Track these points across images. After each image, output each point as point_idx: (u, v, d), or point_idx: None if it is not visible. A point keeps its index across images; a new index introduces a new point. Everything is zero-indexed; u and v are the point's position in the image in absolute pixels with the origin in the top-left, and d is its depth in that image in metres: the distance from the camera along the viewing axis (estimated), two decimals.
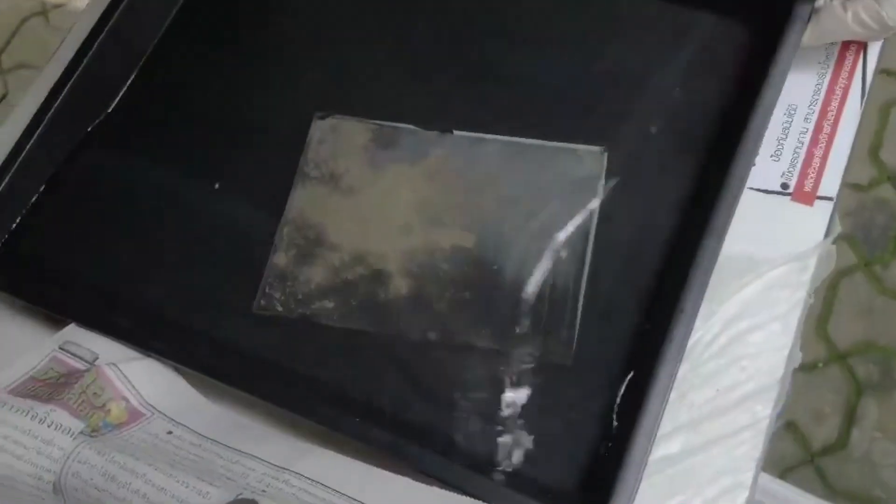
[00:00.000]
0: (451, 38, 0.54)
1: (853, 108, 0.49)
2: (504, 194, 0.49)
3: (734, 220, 0.44)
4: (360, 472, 0.42)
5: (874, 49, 0.50)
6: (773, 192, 0.48)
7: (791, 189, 0.48)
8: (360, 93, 0.53)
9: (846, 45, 0.50)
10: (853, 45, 0.50)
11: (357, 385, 0.46)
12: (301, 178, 0.51)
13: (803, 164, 0.49)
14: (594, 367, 0.45)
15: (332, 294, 0.48)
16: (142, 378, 0.45)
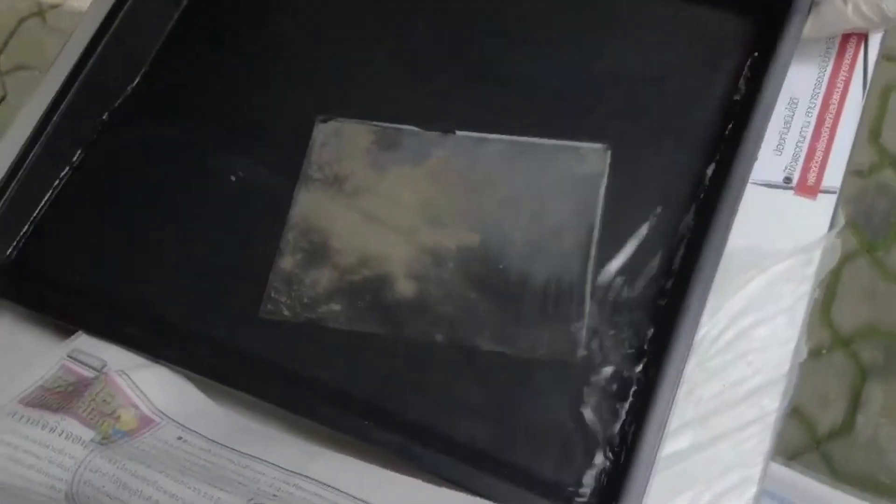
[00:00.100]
0: (451, 38, 0.54)
1: (855, 100, 0.49)
2: (508, 193, 0.49)
3: (738, 215, 0.44)
4: (371, 474, 0.42)
5: (875, 40, 0.50)
6: (776, 186, 0.48)
7: (794, 183, 0.48)
8: (362, 95, 0.53)
9: (847, 36, 0.50)
10: (854, 36, 0.50)
11: (365, 388, 0.46)
12: (305, 182, 0.51)
13: (806, 157, 0.49)
14: (602, 364, 0.45)
15: (338, 297, 0.48)
16: (151, 384, 0.46)
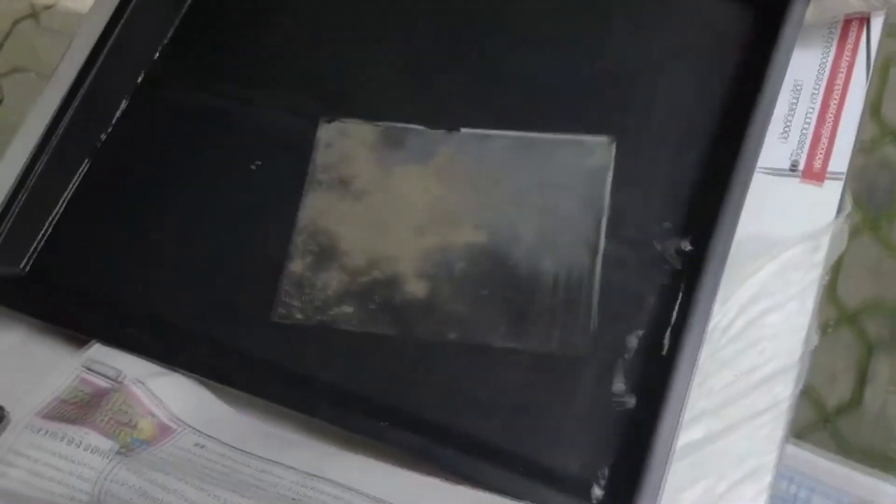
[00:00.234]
0: (453, 36, 0.54)
1: (859, 84, 0.49)
2: (514, 189, 0.50)
3: (745, 203, 0.44)
4: (389, 474, 0.42)
5: (877, 23, 0.50)
6: (782, 173, 0.48)
7: (800, 169, 0.48)
8: (365, 94, 0.53)
9: (848, 20, 0.50)
10: (855, 20, 0.50)
11: (380, 389, 0.46)
12: (311, 184, 0.51)
13: (811, 142, 0.49)
14: (614, 357, 0.45)
15: (349, 299, 0.48)
16: (168, 392, 0.46)
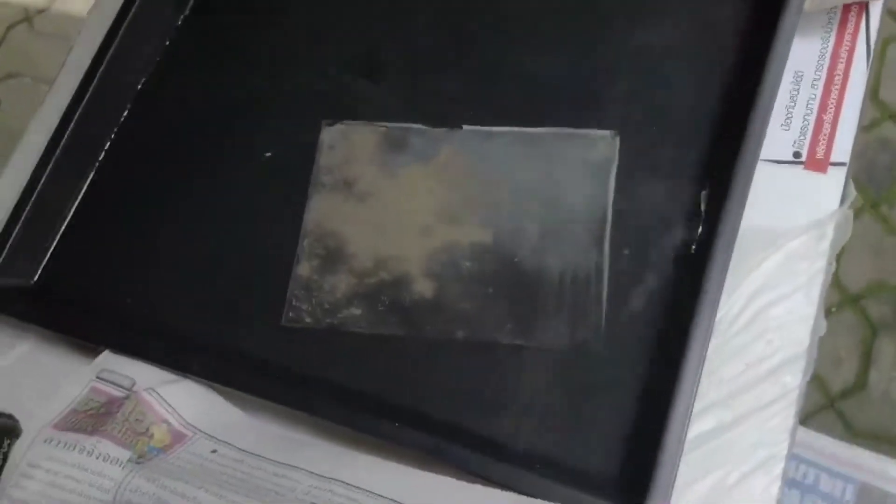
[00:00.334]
0: (452, 33, 0.54)
1: (860, 70, 0.49)
2: (518, 185, 0.50)
3: (749, 194, 0.44)
4: (403, 475, 0.43)
5: (876, 9, 0.50)
6: (785, 162, 0.48)
7: (803, 157, 0.48)
8: (366, 96, 0.53)
9: (847, 7, 0.50)
10: (854, 6, 0.50)
11: (391, 389, 0.46)
12: (316, 187, 0.51)
13: (814, 131, 0.49)
14: (623, 351, 0.45)
15: (357, 301, 0.48)
16: (181, 399, 0.46)
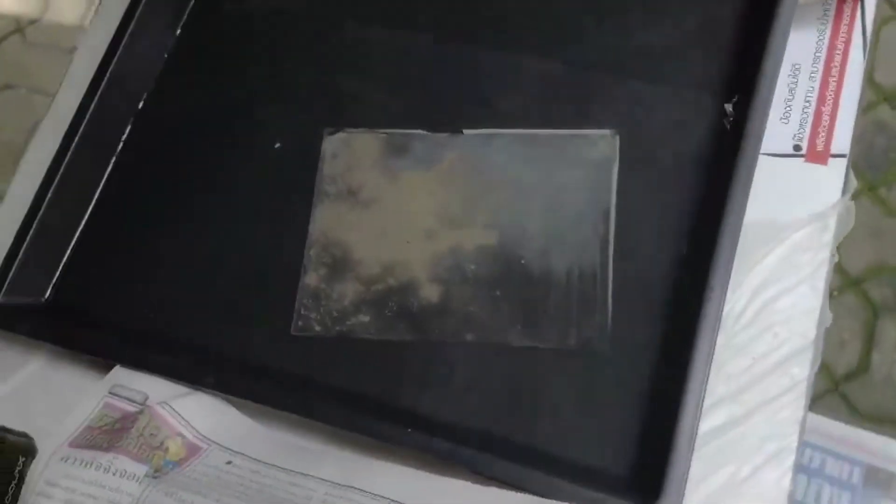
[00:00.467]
0: (448, 38, 0.54)
1: (856, 61, 0.50)
2: (521, 187, 0.50)
3: (752, 188, 0.45)
4: (418, 480, 0.43)
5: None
6: (786, 155, 0.49)
7: (804, 150, 0.48)
8: (366, 103, 0.53)
9: None
10: None
11: (402, 395, 0.47)
12: (320, 196, 0.51)
13: (813, 123, 0.49)
14: (632, 349, 0.46)
15: (365, 308, 0.49)
16: (194, 412, 0.46)
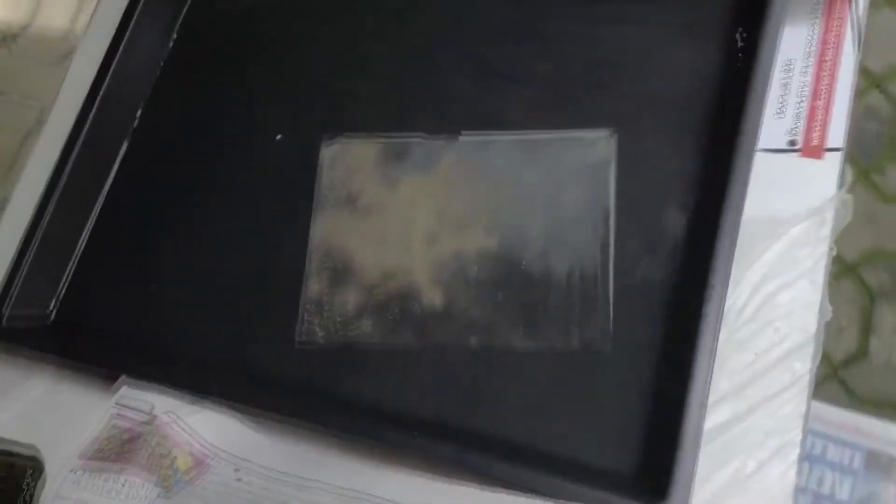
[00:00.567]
0: (444, 42, 0.54)
1: (849, 55, 0.50)
2: (520, 190, 0.50)
3: (749, 184, 0.45)
4: (427, 485, 0.43)
5: None
6: (781, 151, 0.49)
7: (799, 145, 0.49)
8: (362, 110, 0.54)
9: None
10: None
11: (408, 400, 0.47)
12: (320, 204, 0.52)
13: (808, 118, 0.49)
14: (634, 349, 0.46)
15: (369, 314, 0.49)
16: (200, 422, 0.47)
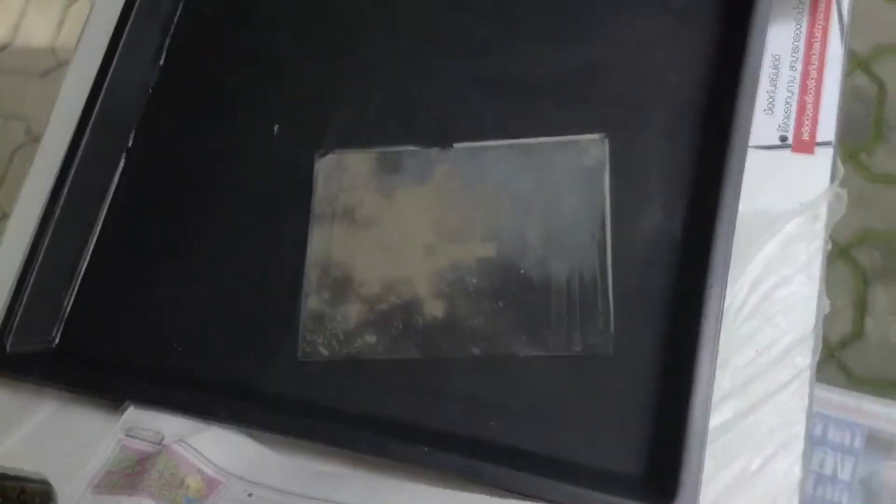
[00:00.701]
0: (430, 52, 0.54)
1: (835, 48, 0.50)
2: (515, 197, 0.50)
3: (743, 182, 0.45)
4: (439, 497, 0.44)
5: None
6: (773, 147, 0.49)
7: (790, 141, 0.49)
8: (354, 123, 0.54)
9: None
10: None
11: (414, 412, 0.47)
12: (316, 219, 0.52)
13: (797, 113, 0.49)
14: (636, 351, 0.46)
15: (371, 328, 0.49)
16: (210, 446, 0.47)
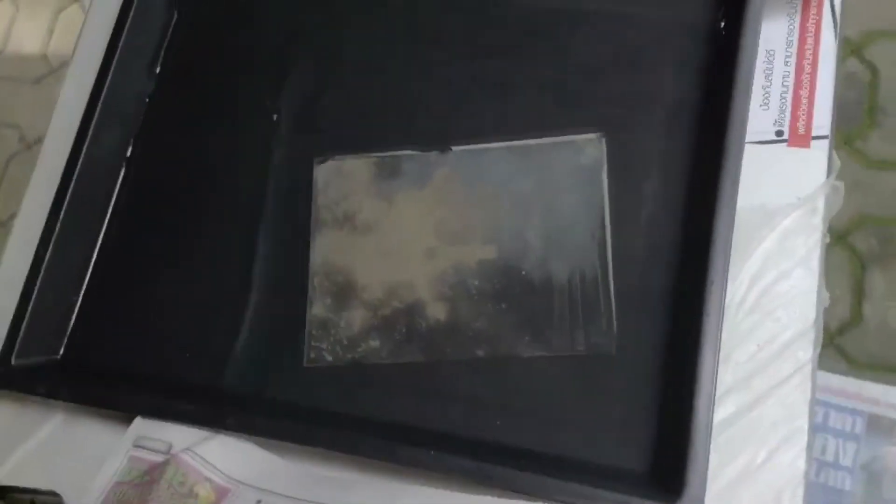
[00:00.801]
0: (425, 56, 0.54)
1: (829, 42, 0.51)
2: (515, 199, 0.51)
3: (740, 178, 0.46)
4: (447, 500, 0.44)
5: None
6: (769, 142, 0.49)
7: (786, 135, 0.49)
8: (352, 127, 0.54)
9: None
10: None
11: (420, 416, 0.47)
12: (318, 226, 0.52)
13: (792, 107, 0.50)
14: (639, 349, 0.46)
15: (375, 333, 0.49)
16: (218, 455, 0.47)
